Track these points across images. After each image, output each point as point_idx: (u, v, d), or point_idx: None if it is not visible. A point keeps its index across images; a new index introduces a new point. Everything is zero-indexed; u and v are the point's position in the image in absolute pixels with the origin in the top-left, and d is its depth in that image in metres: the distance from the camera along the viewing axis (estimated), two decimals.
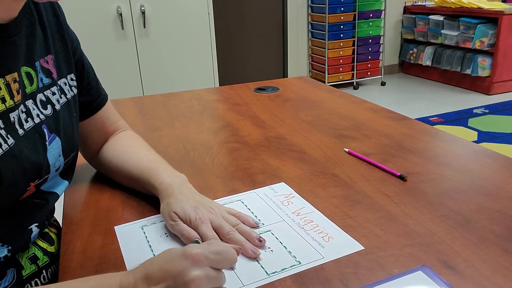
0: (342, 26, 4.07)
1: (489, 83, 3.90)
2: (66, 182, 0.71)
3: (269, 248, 0.59)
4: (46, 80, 0.62)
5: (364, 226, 0.63)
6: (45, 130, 0.60)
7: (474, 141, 2.88)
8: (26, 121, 0.57)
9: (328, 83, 4.08)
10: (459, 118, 3.37)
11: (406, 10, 4.68)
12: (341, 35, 4.10)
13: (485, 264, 0.53)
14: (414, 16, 4.53)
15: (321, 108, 1.17)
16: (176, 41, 2.78)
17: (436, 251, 0.56)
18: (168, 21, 2.73)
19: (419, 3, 4.68)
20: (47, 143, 0.60)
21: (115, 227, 0.66)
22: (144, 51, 2.72)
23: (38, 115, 0.59)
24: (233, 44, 4.12)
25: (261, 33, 4.21)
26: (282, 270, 0.55)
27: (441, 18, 4.21)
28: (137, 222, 0.67)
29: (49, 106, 0.62)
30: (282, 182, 0.77)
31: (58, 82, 0.66)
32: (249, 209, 0.69)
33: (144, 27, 2.68)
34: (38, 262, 0.65)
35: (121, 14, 2.60)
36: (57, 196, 0.68)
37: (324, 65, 4.17)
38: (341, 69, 4.20)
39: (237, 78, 4.18)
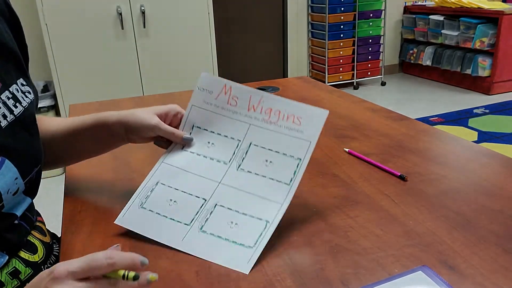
0: (342, 26, 4.07)
1: (489, 83, 3.89)
2: (29, 199, 0.65)
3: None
4: None
5: (364, 226, 0.63)
6: None
7: (474, 141, 2.88)
8: None
9: (328, 83, 4.08)
10: (459, 118, 3.36)
11: (406, 10, 4.68)
12: (341, 35, 4.10)
13: (485, 264, 0.53)
14: (414, 16, 4.52)
15: (321, 108, 1.16)
16: (176, 41, 2.78)
17: (436, 251, 0.56)
18: (168, 21, 2.73)
19: (419, 3, 4.67)
20: None
21: (115, 222, 0.64)
22: (144, 51, 2.72)
23: None
24: (233, 44, 4.12)
25: (261, 33, 4.21)
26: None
27: (441, 18, 4.21)
28: (131, 205, 0.64)
29: None
30: (202, 72, 0.71)
31: (10, 89, 0.59)
32: (209, 143, 0.67)
33: (144, 27, 2.68)
34: (20, 276, 0.60)
35: (121, 14, 2.60)
36: (15, 218, 0.61)
37: (324, 65, 4.16)
38: (341, 69, 4.20)
39: (237, 78, 4.16)
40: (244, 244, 0.56)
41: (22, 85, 0.63)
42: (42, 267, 0.65)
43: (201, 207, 0.61)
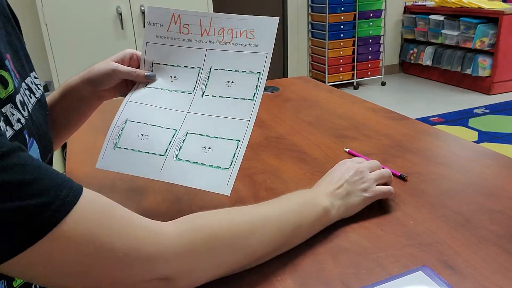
0: (342, 26, 4.07)
1: (490, 83, 3.90)
2: None
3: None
4: (16, 81, 0.56)
5: (364, 226, 0.63)
6: (26, 135, 0.53)
7: (475, 141, 2.88)
8: (6, 131, 0.49)
9: (328, 83, 4.08)
10: (460, 118, 3.37)
11: (407, 10, 4.68)
12: (341, 35, 4.10)
13: (486, 264, 0.53)
14: (414, 16, 4.53)
15: (321, 108, 1.17)
16: None
17: (436, 251, 0.56)
18: None
19: (420, 3, 4.67)
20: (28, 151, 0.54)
21: (96, 167, 0.64)
22: None
23: (19, 120, 0.52)
24: None
25: None
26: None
27: (441, 18, 4.21)
28: (106, 147, 0.64)
29: (25, 108, 0.56)
30: (147, 6, 0.71)
31: (25, 81, 0.61)
32: (171, 79, 0.67)
33: (144, 26, 2.68)
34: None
35: (121, 14, 2.60)
36: None
37: (324, 65, 4.16)
38: (341, 69, 4.20)
39: None
40: (220, 166, 0.57)
41: (35, 77, 0.66)
42: None
43: (173, 137, 0.62)
